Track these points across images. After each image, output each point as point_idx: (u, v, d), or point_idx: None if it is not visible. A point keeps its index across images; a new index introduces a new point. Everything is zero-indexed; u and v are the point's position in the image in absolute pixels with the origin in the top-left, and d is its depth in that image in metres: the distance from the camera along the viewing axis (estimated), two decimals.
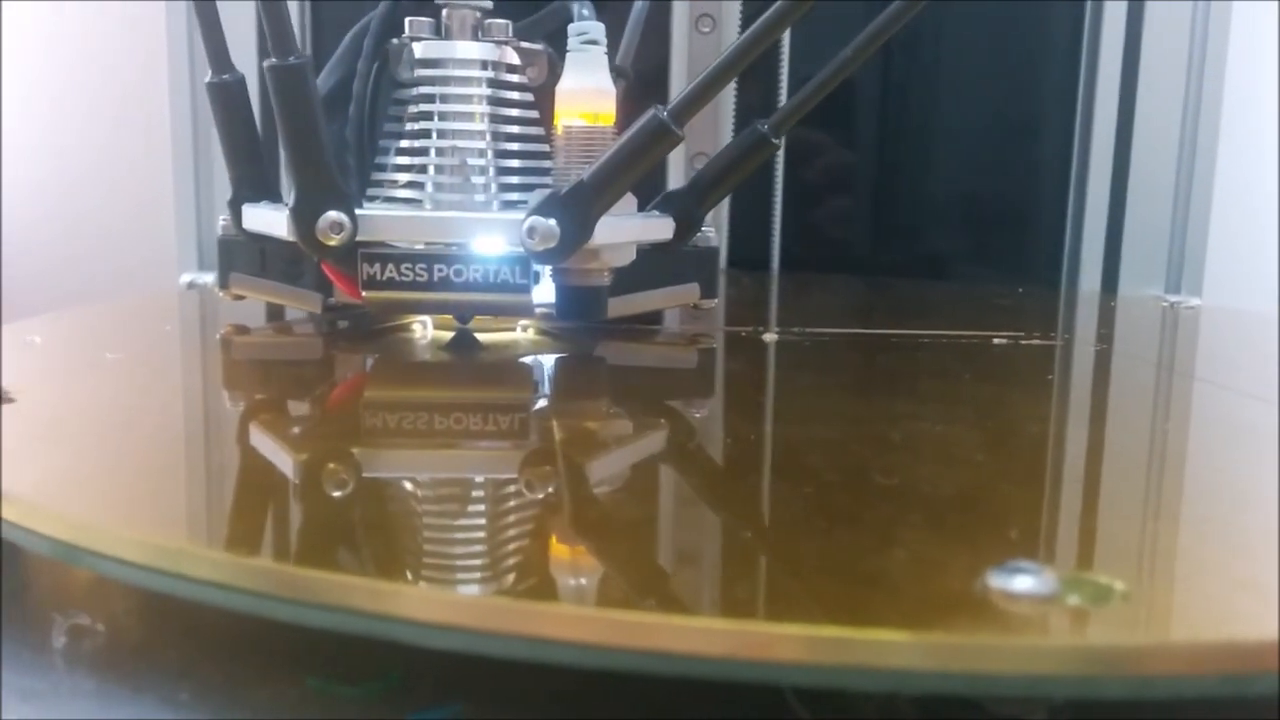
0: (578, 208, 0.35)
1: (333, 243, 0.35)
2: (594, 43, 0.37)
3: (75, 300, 0.92)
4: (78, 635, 0.21)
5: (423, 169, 0.39)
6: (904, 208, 0.81)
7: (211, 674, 0.20)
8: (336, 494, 0.24)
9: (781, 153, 0.74)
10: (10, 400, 0.29)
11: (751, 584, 0.19)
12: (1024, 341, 0.45)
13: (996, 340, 0.45)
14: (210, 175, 0.76)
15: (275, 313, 0.46)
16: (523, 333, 0.43)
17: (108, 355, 0.39)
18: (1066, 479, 0.27)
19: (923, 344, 0.45)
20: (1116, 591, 0.17)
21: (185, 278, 0.74)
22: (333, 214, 0.35)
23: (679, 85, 0.71)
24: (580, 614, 0.17)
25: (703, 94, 0.34)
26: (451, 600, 0.18)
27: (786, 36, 0.72)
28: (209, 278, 0.72)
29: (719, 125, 0.73)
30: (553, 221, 0.35)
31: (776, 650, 0.16)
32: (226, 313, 0.45)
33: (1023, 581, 0.17)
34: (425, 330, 0.43)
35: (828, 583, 0.19)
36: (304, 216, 0.35)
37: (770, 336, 0.44)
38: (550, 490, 0.25)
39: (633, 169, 0.35)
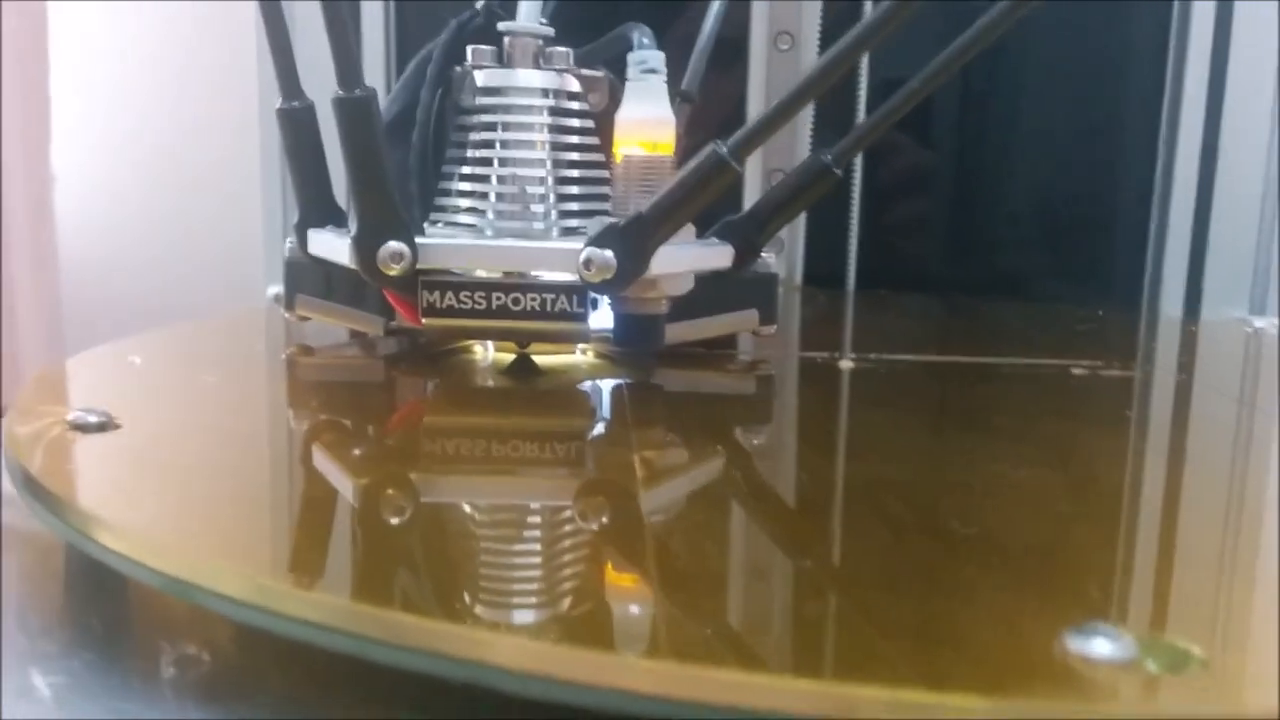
0: (635, 240, 0.35)
1: (393, 272, 0.35)
2: (653, 71, 0.38)
3: (164, 310, 0.94)
4: (185, 665, 0.21)
5: (483, 196, 0.39)
6: (982, 224, 0.80)
7: (316, 704, 0.20)
8: (430, 533, 0.24)
9: (859, 167, 0.73)
10: (116, 427, 0.30)
11: (832, 640, 0.20)
12: (1103, 372, 0.44)
13: (1075, 370, 0.44)
14: None
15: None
16: (582, 355, 0.43)
17: (206, 379, 0.39)
18: (1144, 530, 0.27)
19: (1000, 373, 0.44)
20: (1194, 658, 0.17)
21: (272, 289, 0.76)
22: (393, 244, 0.35)
23: (756, 104, 0.71)
24: (664, 669, 0.17)
25: (764, 129, 0.34)
26: (536, 650, 0.18)
27: None
28: None
29: (795, 141, 0.72)
30: (609, 253, 0.35)
31: (859, 711, 0.16)
32: (312, 332, 0.46)
33: (1100, 645, 0.17)
34: (486, 352, 0.44)
35: (908, 643, 0.19)
36: (366, 246, 0.35)
37: (846, 364, 0.44)
38: (626, 533, 0.25)
39: (690, 204, 0.35)
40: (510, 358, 0.42)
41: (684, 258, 0.37)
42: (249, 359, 0.45)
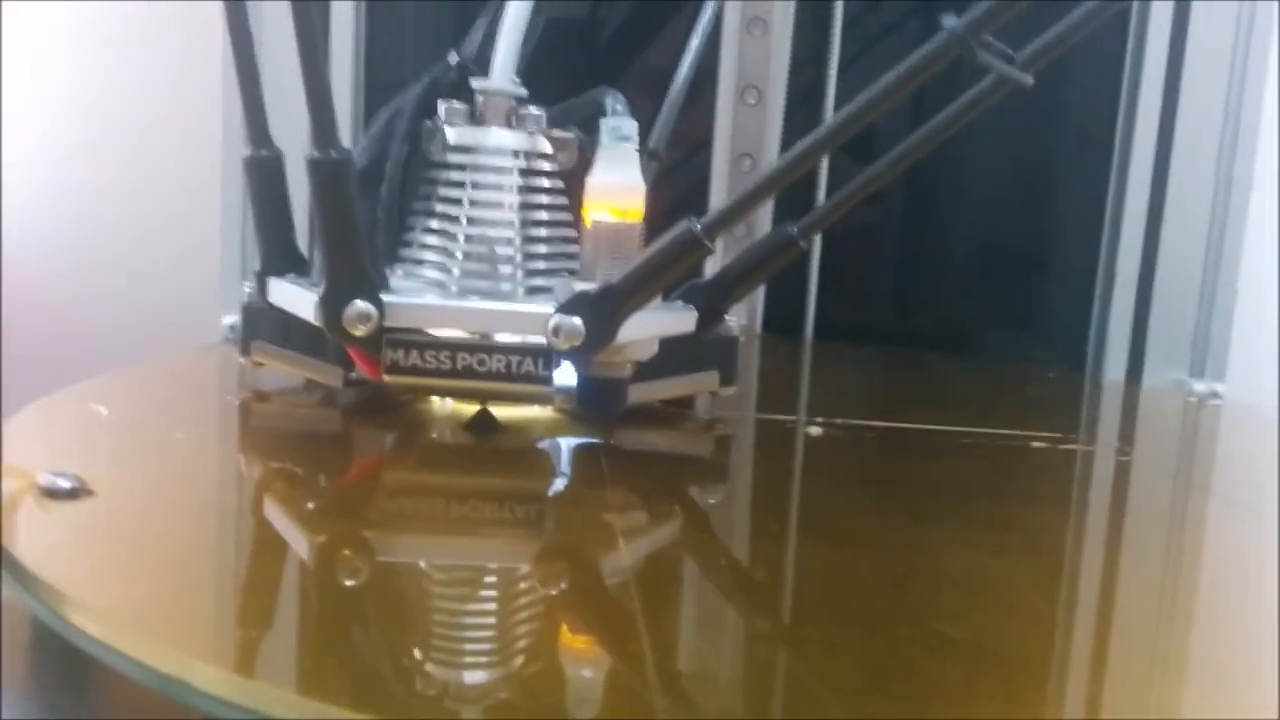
0: (604, 310, 0.35)
1: (359, 332, 0.35)
2: (626, 139, 0.38)
3: (114, 333, 0.92)
4: None
5: (450, 253, 0.39)
6: (935, 278, 0.81)
7: None
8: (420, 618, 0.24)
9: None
10: (89, 493, 0.29)
11: None
12: (1062, 446, 0.45)
13: (1035, 444, 0.45)
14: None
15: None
16: (542, 410, 0.43)
17: (176, 435, 0.38)
18: (1123, 632, 0.27)
19: (965, 445, 0.44)
20: None
21: (228, 319, 0.74)
22: (360, 304, 0.35)
23: (729, 89, 0.70)
24: None
25: (738, 212, 0.34)
26: None
27: (835, 48, 0.71)
28: None
29: (766, 130, 0.71)
30: (578, 320, 0.35)
31: None
32: (272, 376, 0.45)
33: None
34: (444, 403, 0.43)
35: None
36: (331, 305, 0.35)
37: (815, 430, 0.44)
38: (589, 603, 0.25)
39: (660, 278, 0.35)
40: (469, 409, 0.42)
41: (651, 324, 0.37)
42: (216, 410, 0.44)
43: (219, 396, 0.46)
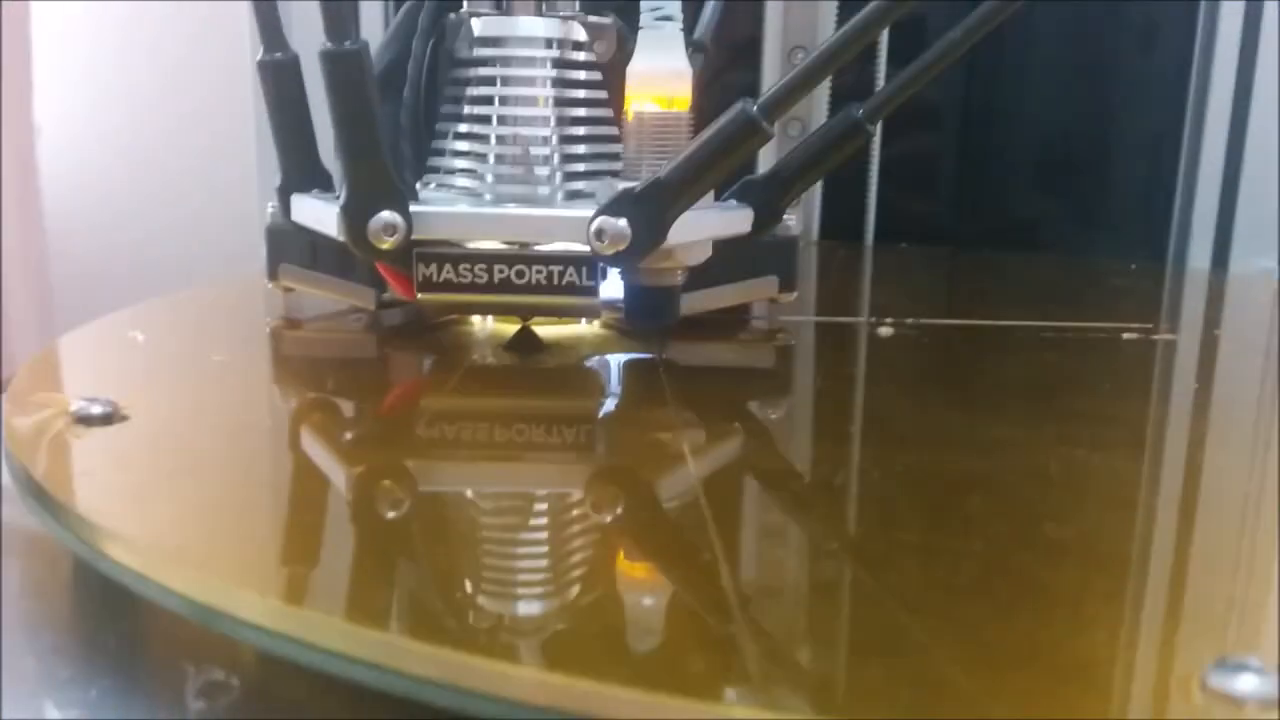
0: (652, 208, 0.32)
1: (386, 245, 0.32)
2: (669, 19, 0.34)
3: (157, 267, 0.91)
4: (213, 694, 0.19)
5: (482, 157, 0.35)
6: (998, 173, 0.76)
7: None
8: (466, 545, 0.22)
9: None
10: (124, 418, 0.27)
11: (923, 671, 0.16)
12: (1155, 336, 0.41)
13: (1126, 335, 0.41)
14: None
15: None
16: (588, 326, 0.40)
17: (214, 358, 0.36)
18: (1250, 529, 0.24)
19: (1049, 339, 0.41)
20: None
21: None
22: (386, 214, 0.32)
23: (771, 56, 0.67)
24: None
25: (799, 87, 0.30)
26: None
27: None
28: None
29: (820, 20, 0.67)
30: (623, 222, 0.31)
31: None
32: (310, 301, 0.42)
33: (1247, 682, 0.15)
34: (485, 323, 0.40)
35: (1024, 677, 0.16)
36: (355, 216, 0.32)
37: (886, 330, 0.41)
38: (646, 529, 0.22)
39: (715, 168, 0.31)
40: (510, 329, 0.39)
41: (703, 225, 0.34)
42: (257, 334, 0.41)
43: (254, 323, 0.44)
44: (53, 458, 0.25)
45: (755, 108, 0.30)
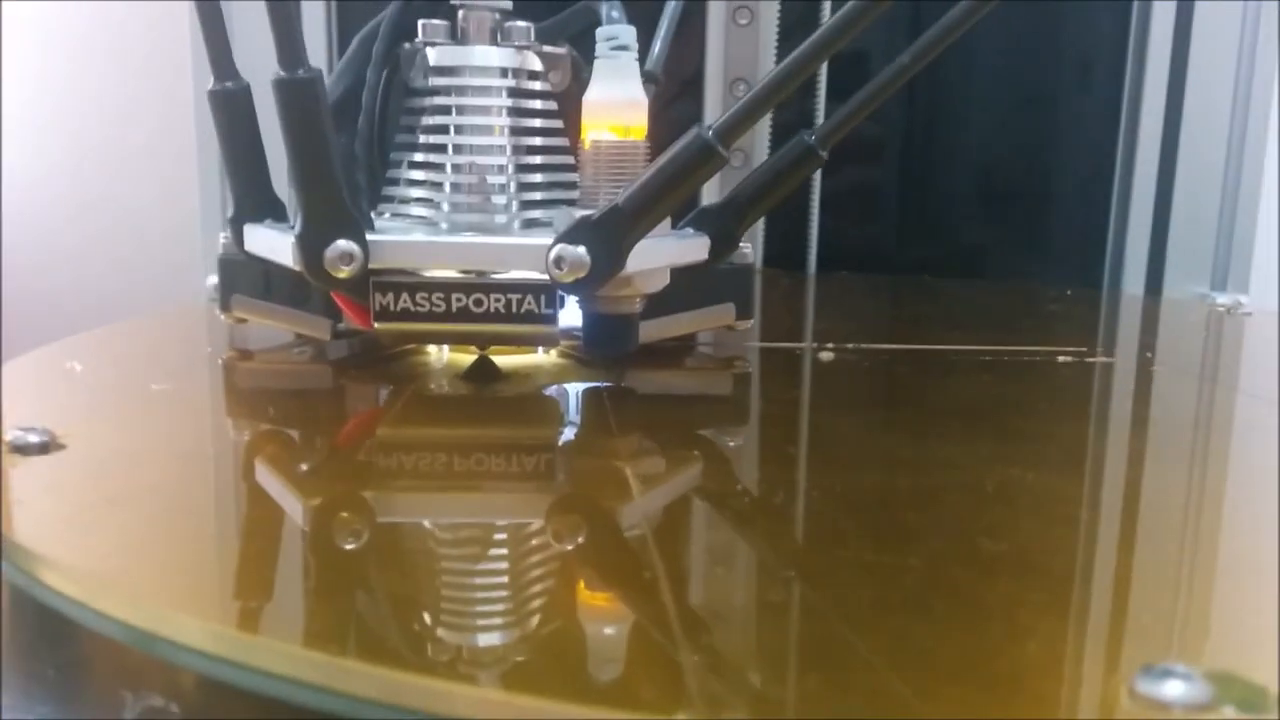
0: (610, 235, 0.31)
1: (342, 274, 0.32)
2: (624, 48, 0.34)
3: (97, 303, 0.89)
4: (151, 717, 0.19)
5: (437, 185, 0.35)
6: (938, 201, 0.78)
7: None
8: (408, 567, 0.22)
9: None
10: (60, 447, 0.27)
11: (865, 681, 0.17)
12: (1089, 359, 0.42)
13: (1062, 358, 0.41)
14: None
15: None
16: (544, 355, 0.40)
17: (153, 387, 0.36)
18: (1193, 549, 0.24)
19: (986, 362, 0.41)
20: (1273, 696, 0.16)
21: (211, 279, 0.71)
22: (342, 243, 0.31)
23: (715, 83, 0.67)
24: None
25: (752, 112, 0.30)
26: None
27: (825, 17, 0.67)
28: None
29: (761, 53, 0.67)
30: (582, 249, 0.31)
31: None
32: (256, 333, 0.42)
33: (1173, 688, 0.15)
34: (441, 353, 0.40)
35: (961, 687, 0.16)
36: (311, 245, 0.31)
37: (827, 355, 0.41)
38: (606, 556, 0.22)
39: (672, 193, 0.31)
40: (467, 358, 0.39)
41: (661, 253, 0.34)
42: (197, 364, 0.41)
43: (198, 353, 0.43)
44: None
45: (710, 133, 0.30)
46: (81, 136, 0.91)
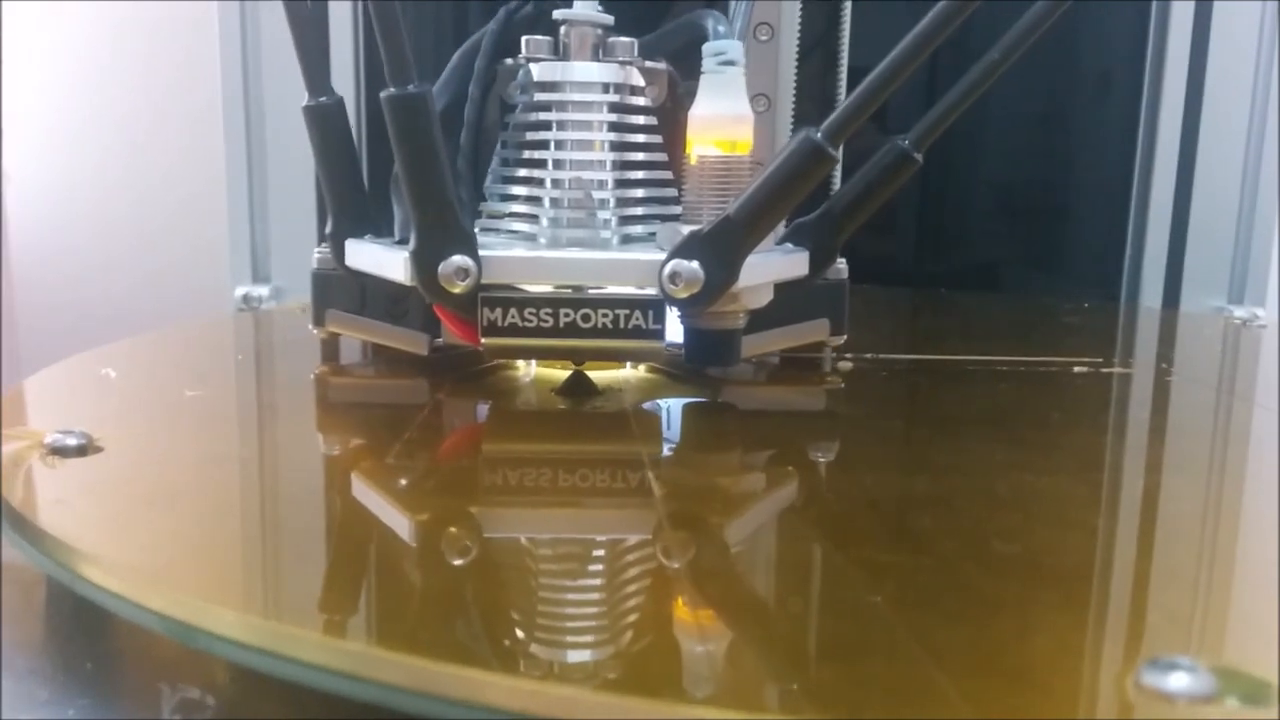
0: (723, 248, 0.30)
1: (457, 289, 0.30)
2: (731, 63, 0.33)
3: (124, 314, 0.87)
4: (188, 711, 0.19)
5: (537, 201, 0.34)
6: (956, 216, 0.77)
7: None
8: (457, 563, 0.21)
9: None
10: (98, 449, 0.26)
11: (885, 676, 0.17)
12: (1104, 370, 0.41)
13: (1077, 369, 0.41)
14: (264, 180, 0.71)
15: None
16: (632, 370, 0.39)
17: (187, 393, 0.34)
18: (1204, 551, 0.24)
19: (1002, 372, 0.40)
20: (1275, 689, 0.16)
21: (240, 290, 0.70)
22: (457, 259, 0.30)
23: None
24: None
25: (859, 111, 0.29)
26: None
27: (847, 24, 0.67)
28: (264, 290, 0.67)
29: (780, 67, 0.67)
30: (696, 264, 0.30)
31: None
32: (297, 340, 0.41)
33: (1178, 680, 0.16)
34: (529, 368, 0.39)
35: (971, 679, 0.16)
36: (426, 261, 0.30)
37: (846, 365, 0.40)
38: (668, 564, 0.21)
39: (783, 200, 0.30)
40: (552, 374, 0.38)
41: (768, 268, 0.33)
42: (229, 370, 0.40)
43: (230, 357, 0.43)
44: (29, 487, 0.24)
45: (819, 134, 0.29)
46: (106, 147, 0.89)
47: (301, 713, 0.18)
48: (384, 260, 0.32)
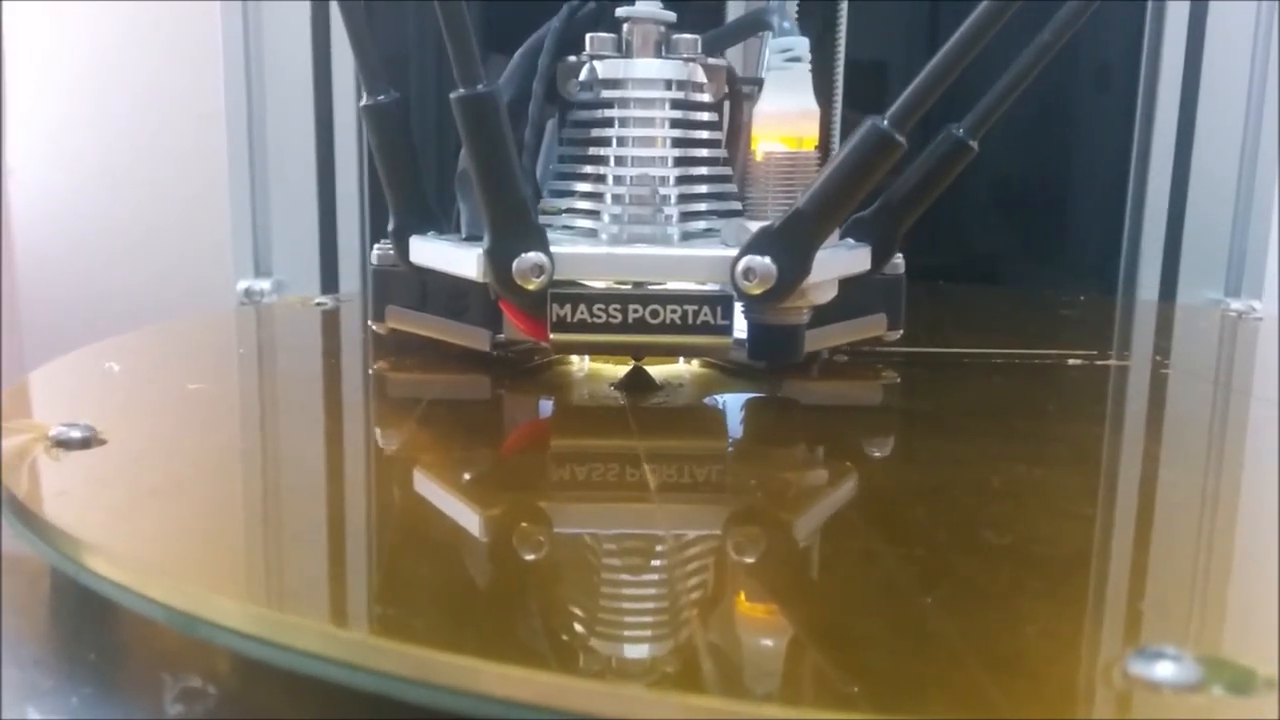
0: (794, 242, 0.30)
1: (532, 286, 0.30)
2: (797, 60, 0.32)
3: (126, 308, 0.86)
4: (190, 699, 0.18)
5: (599, 197, 0.34)
6: (954, 214, 0.77)
7: None
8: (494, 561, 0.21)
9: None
10: (101, 442, 0.26)
11: (877, 665, 0.17)
12: (1099, 362, 0.41)
13: (1072, 361, 0.40)
14: (265, 174, 0.70)
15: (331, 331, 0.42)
16: (687, 366, 0.38)
17: (189, 386, 0.34)
18: (1192, 540, 0.24)
19: (997, 365, 0.40)
20: (1260, 679, 0.16)
21: (242, 284, 0.69)
22: (532, 255, 0.30)
23: None
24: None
25: (924, 97, 0.29)
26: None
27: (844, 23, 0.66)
28: (265, 284, 0.66)
29: None
30: (768, 259, 0.30)
31: None
32: (301, 332, 0.42)
33: (1164, 669, 0.16)
34: (582, 363, 0.38)
35: (961, 668, 0.16)
36: (500, 258, 0.30)
37: (842, 358, 0.40)
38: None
39: (855, 191, 0.29)
40: (607, 369, 0.37)
41: (834, 263, 0.32)
42: (232, 363, 0.40)
43: (233, 350, 0.43)
44: (34, 479, 0.24)
45: (886, 122, 0.29)
46: (110, 140, 0.88)
47: (303, 700, 0.18)
48: (454, 257, 0.31)
